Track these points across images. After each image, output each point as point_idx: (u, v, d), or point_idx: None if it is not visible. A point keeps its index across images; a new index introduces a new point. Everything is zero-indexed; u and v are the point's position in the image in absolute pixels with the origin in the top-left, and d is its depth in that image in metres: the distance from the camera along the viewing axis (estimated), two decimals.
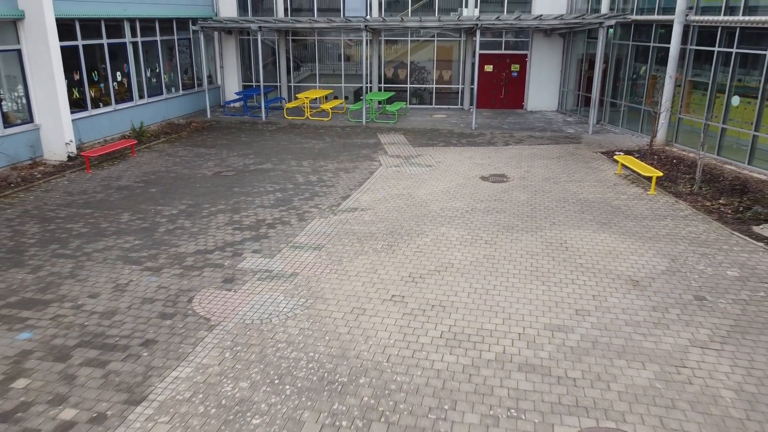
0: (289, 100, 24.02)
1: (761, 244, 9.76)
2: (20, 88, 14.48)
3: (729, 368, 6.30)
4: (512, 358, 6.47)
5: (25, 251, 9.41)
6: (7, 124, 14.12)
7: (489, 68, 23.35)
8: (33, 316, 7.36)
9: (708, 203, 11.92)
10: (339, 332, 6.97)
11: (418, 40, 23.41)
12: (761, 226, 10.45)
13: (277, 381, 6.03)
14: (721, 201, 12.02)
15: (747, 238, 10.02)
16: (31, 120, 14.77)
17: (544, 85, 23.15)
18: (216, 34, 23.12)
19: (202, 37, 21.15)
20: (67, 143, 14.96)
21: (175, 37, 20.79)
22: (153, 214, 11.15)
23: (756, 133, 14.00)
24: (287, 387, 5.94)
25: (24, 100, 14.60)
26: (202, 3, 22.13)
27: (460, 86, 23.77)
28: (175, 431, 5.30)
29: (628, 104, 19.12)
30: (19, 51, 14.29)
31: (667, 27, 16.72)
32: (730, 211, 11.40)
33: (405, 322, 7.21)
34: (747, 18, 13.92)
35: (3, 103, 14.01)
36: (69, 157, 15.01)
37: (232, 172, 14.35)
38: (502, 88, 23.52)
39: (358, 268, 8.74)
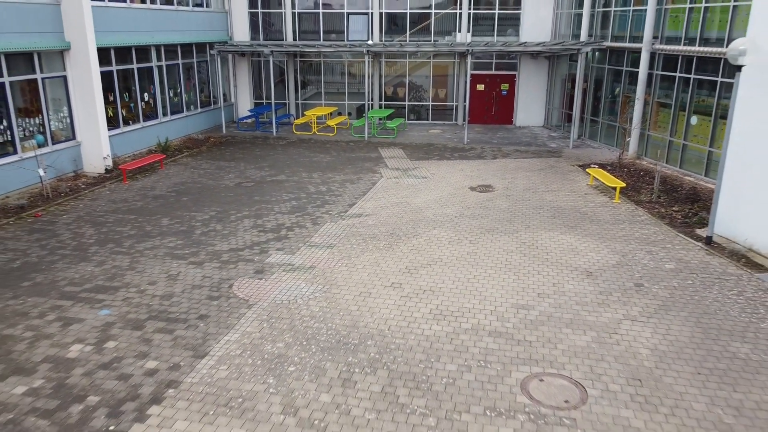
0: (297, 117, 26.03)
1: (699, 243, 11.71)
2: (65, 109, 16.48)
3: (650, 334, 8.23)
4: (484, 327, 8.40)
5: (88, 249, 11.35)
6: (55, 141, 16.11)
7: (481, 87, 25.41)
8: (107, 298, 9.29)
9: (663, 210, 13.89)
10: (350, 309, 8.90)
11: (415, 61, 25.48)
12: (702, 229, 12.40)
13: (304, 343, 7.96)
14: (674, 208, 13.98)
15: (688, 238, 11.98)
16: (73, 137, 16.77)
17: (531, 103, 25.21)
18: (230, 56, 25.17)
19: (218, 59, 23.21)
20: (104, 157, 16.95)
21: (194, 60, 22.85)
22: (188, 219, 13.11)
23: (710, 149, 15.99)
24: (312, 346, 7.86)
25: (68, 120, 16.59)
26: (219, 28, 24.22)
27: (455, 103, 25.82)
28: (233, 375, 7.22)
29: (605, 121, 21.15)
30: (64, 77, 16.30)
31: (637, 53, 18.76)
32: (680, 217, 13.37)
33: (402, 302, 9.15)
34: (702, 48, 15.95)
35: (51, 122, 16.00)
36: (106, 169, 16.99)
37: (252, 183, 16.32)
38: (493, 105, 25.57)
39: (364, 262, 10.68)
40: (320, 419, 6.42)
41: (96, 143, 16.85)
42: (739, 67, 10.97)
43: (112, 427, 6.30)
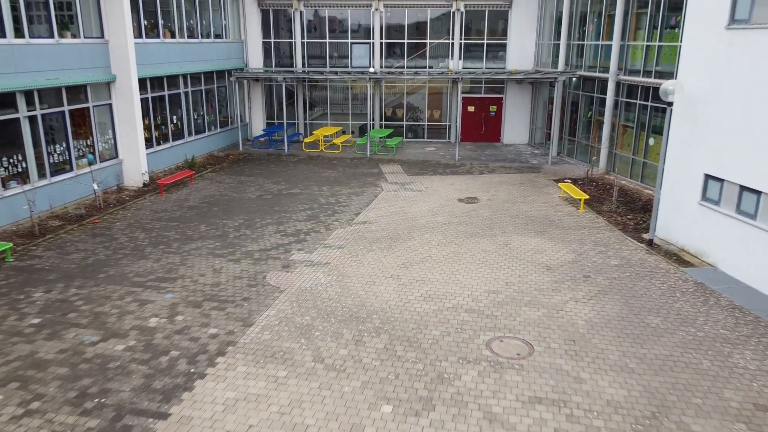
0: (306, 136, 28.72)
1: (642, 245, 14.33)
2: (110, 131, 19.15)
3: (587, 311, 10.82)
4: (462, 306, 10.99)
5: (144, 249, 13.95)
6: (102, 159, 18.76)
7: (471, 108, 28.16)
8: (168, 286, 11.88)
9: (620, 218, 16.52)
10: (359, 293, 11.50)
11: (412, 85, 28.23)
12: (647, 234, 15.01)
13: (325, 316, 10.54)
14: (629, 216, 16.61)
15: (635, 241, 14.60)
16: (116, 156, 19.42)
17: (517, 123, 27.94)
18: (246, 81, 27.91)
19: (236, 84, 25.94)
20: (142, 173, 19.59)
21: (215, 85, 25.59)
22: (221, 226, 15.73)
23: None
24: (331, 319, 10.45)
25: (112, 141, 19.26)
26: (235, 57, 26.99)
27: (448, 123, 28.55)
28: (274, 338, 9.79)
29: (581, 140, 23.85)
30: (110, 105, 18.99)
31: (606, 82, 21.49)
32: (632, 224, 16.00)
33: (399, 288, 11.74)
34: (655, 80, 18.67)
35: (98, 144, 18.66)
36: (144, 184, 19.63)
37: (270, 195, 18.96)
38: (483, 125, 28.30)
39: (369, 259, 13.28)
40: (340, 365, 8.99)
41: (135, 161, 19.50)
42: (669, 103, 13.67)
43: (192, 369, 8.87)
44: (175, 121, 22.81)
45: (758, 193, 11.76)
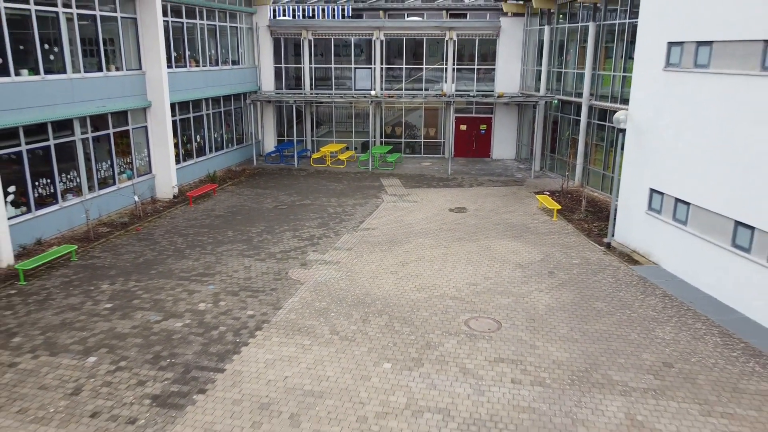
0: (314, 152, 31.50)
1: (601, 248, 17.06)
2: (145, 150, 21.92)
3: (547, 299, 13.52)
4: (447, 295, 13.69)
5: (184, 251, 16.67)
6: (138, 174, 21.52)
7: (464, 127, 30.98)
8: (209, 279, 14.58)
9: (586, 225, 19.25)
10: (365, 285, 14.20)
11: (410, 106, 31.08)
12: (607, 238, 17.72)
13: (338, 302, 13.24)
14: (595, 224, 19.34)
15: (596, 245, 17.33)
16: (150, 171, 22.18)
17: (504, 140, 30.75)
18: (259, 102, 30.74)
19: (251, 106, 28.78)
20: (173, 187, 22.35)
21: (232, 107, 28.43)
22: (246, 232, 18.46)
23: None
24: (343, 304, 13.15)
25: (146, 159, 22.02)
26: (250, 80, 29.85)
27: (443, 140, 31.36)
28: (299, 317, 12.49)
29: (561, 157, 26.64)
30: (145, 127, 21.78)
31: (580, 105, 24.30)
32: (596, 230, 18.72)
33: (397, 281, 14.44)
34: (621, 105, 21.45)
35: (136, 161, 21.43)
36: (173, 196, 22.38)
37: (285, 206, 21.70)
38: (474, 142, 31.11)
39: (372, 259, 16.00)
40: (351, 336, 11.68)
41: (167, 176, 22.26)
42: (622, 130, 16.46)
43: (237, 339, 11.56)
44: (198, 140, 25.62)
45: (688, 204, 14.51)
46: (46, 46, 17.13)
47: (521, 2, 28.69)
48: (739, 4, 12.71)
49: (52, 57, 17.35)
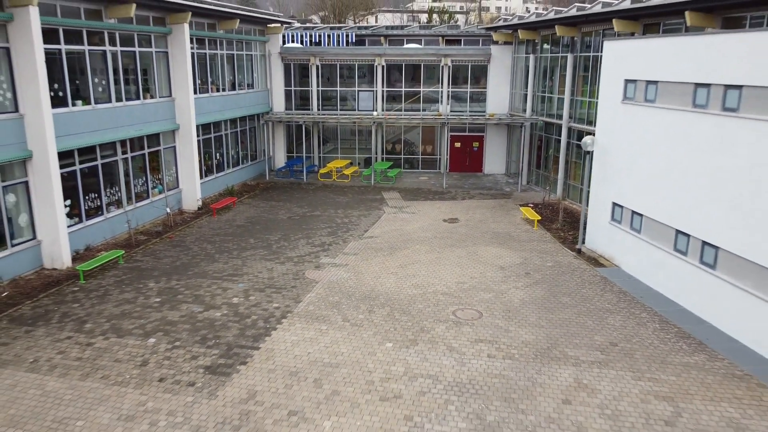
0: (321, 167, 34.28)
1: (573, 253, 19.79)
2: (173, 167, 24.71)
3: (522, 294, 16.23)
4: (439, 291, 16.40)
5: (214, 256, 19.39)
6: (168, 189, 24.29)
7: (458, 144, 33.80)
8: (239, 279, 17.30)
9: (562, 234, 21.98)
10: (370, 283, 16.92)
11: (409, 125, 33.91)
12: (579, 245, 20.45)
13: (348, 297, 15.95)
14: (570, 233, 22.07)
15: (568, 250, 20.06)
16: (177, 186, 24.96)
17: (495, 156, 33.56)
18: (271, 122, 33.57)
19: (264, 126, 31.62)
20: (197, 200, 25.11)
21: (247, 126, 31.28)
22: (265, 240, 21.19)
23: None
24: (352, 298, 15.86)
25: (174, 175, 24.80)
26: (263, 102, 32.72)
27: (439, 156, 34.16)
28: (317, 309, 15.19)
29: (545, 172, 29.43)
30: (174, 147, 24.59)
31: (561, 127, 27.12)
32: (571, 238, 21.45)
33: (397, 280, 17.16)
34: (592, 128, 24.24)
35: (165, 177, 24.21)
36: (198, 208, 25.13)
37: (298, 216, 24.45)
38: (467, 158, 33.92)
39: (376, 262, 18.73)
40: (359, 323, 14.38)
41: (192, 190, 25.03)
42: (590, 153, 19.26)
43: (267, 325, 14.26)
44: (217, 157, 28.42)
45: (641, 215, 17.26)
46: (96, 80, 19.97)
47: (509, 32, 31.60)
48: (676, 54, 15.55)
49: (100, 89, 20.20)
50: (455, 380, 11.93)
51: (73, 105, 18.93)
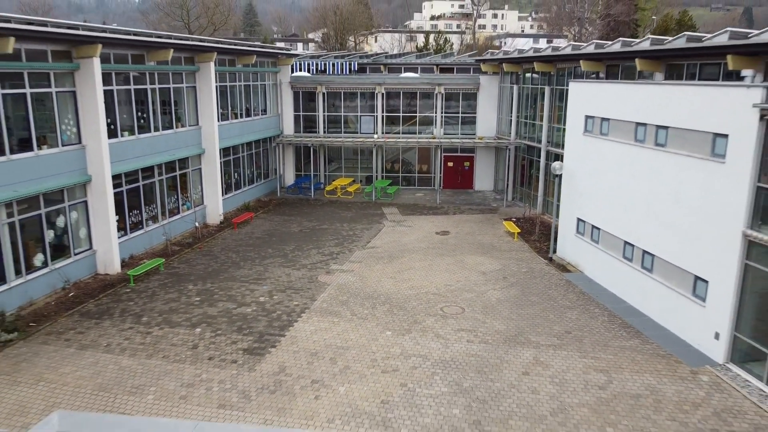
0: (326, 185, 37.74)
1: (545, 261, 23.20)
2: (199, 186, 28.16)
3: (499, 294, 19.62)
4: (431, 292, 19.79)
5: (239, 263, 22.77)
6: (194, 205, 27.72)
7: (450, 164, 37.30)
8: (263, 282, 20.66)
9: (538, 244, 25.39)
10: (373, 286, 20.31)
11: (406, 146, 37.42)
12: (551, 254, 23.84)
13: (354, 296, 19.33)
14: (545, 244, 25.47)
15: (542, 258, 23.47)
16: (203, 203, 28.40)
17: (484, 175, 37.05)
18: (282, 144, 37.07)
19: (276, 148, 35.14)
20: (219, 214, 28.54)
21: (261, 148, 34.78)
22: (281, 249, 24.58)
23: None
24: (358, 297, 19.24)
25: (200, 193, 28.25)
26: (274, 126, 36.27)
27: (433, 174, 37.65)
28: (330, 305, 18.57)
29: (527, 190, 32.89)
30: (200, 169, 28.06)
31: (540, 150, 30.60)
32: (545, 248, 24.85)
33: (395, 283, 20.55)
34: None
35: (193, 195, 27.64)
36: (220, 222, 28.55)
37: (308, 230, 27.86)
38: (459, 176, 37.41)
39: (377, 268, 22.12)
40: (364, 316, 17.75)
41: (215, 205, 28.47)
42: (559, 176, 22.76)
43: (290, 318, 17.62)
44: (235, 176, 31.90)
45: (599, 229, 20.70)
46: (138, 113, 23.49)
47: (496, 65, 35.25)
48: (622, 98, 19.08)
49: (142, 120, 23.71)
50: (440, 358, 15.29)
51: (121, 135, 22.41)
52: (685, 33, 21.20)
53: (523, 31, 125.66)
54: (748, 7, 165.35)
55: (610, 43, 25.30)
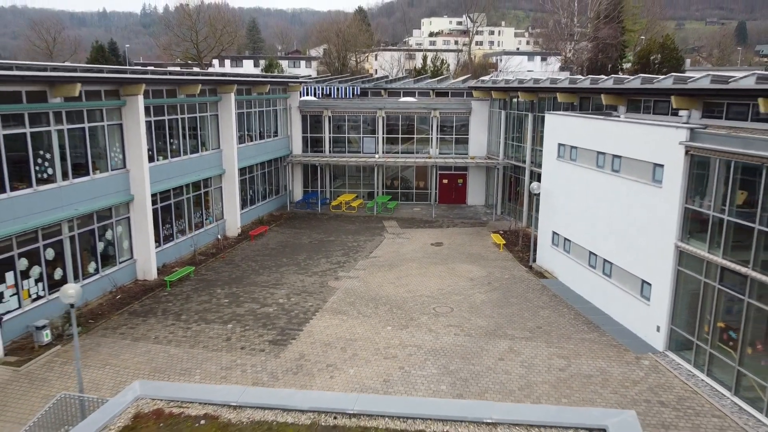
0: (332, 200, 41.14)
1: (526, 268, 26.56)
2: (220, 202, 31.56)
3: (483, 296, 22.96)
4: (424, 295, 23.12)
5: (258, 271, 26.11)
6: (216, 219, 31.10)
7: (445, 181, 40.75)
8: (280, 286, 24.00)
9: (521, 254, 28.74)
10: (375, 290, 23.65)
11: (405, 164, 40.88)
12: (531, 263, 27.17)
13: (360, 298, 22.66)
14: (527, 254, 28.82)
15: (523, 266, 26.84)
16: (223, 217, 31.79)
17: (477, 191, 40.48)
18: (291, 163, 40.52)
19: (286, 166, 38.62)
20: (238, 227, 31.93)
21: (273, 167, 38.24)
22: (294, 259, 27.94)
23: None
24: (363, 299, 22.57)
25: (221, 208, 31.65)
26: (284, 147, 39.77)
27: (429, 190, 41.10)
28: (339, 306, 21.89)
29: (514, 205, 36.30)
30: (221, 187, 31.49)
31: (525, 169, 34.01)
32: (527, 257, 28.20)
33: (395, 288, 23.88)
34: None
35: (214, 210, 31.02)
36: (238, 234, 31.92)
37: (317, 241, 31.23)
38: (453, 192, 40.84)
39: (379, 275, 25.47)
40: (369, 315, 21.07)
41: (234, 219, 31.86)
42: (537, 194, 26.20)
43: (306, 316, 20.95)
44: (250, 193, 35.32)
45: (570, 241, 24.08)
46: (171, 140, 26.96)
47: (485, 92, 38.82)
48: (586, 130, 22.55)
49: (173, 146, 27.18)
50: (432, 348, 18.60)
51: (157, 160, 25.86)
52: (640, 75, 24.75)
53: (518, 48, 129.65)
54: (742, 21, 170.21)
55: (582, 78, 28.82)
